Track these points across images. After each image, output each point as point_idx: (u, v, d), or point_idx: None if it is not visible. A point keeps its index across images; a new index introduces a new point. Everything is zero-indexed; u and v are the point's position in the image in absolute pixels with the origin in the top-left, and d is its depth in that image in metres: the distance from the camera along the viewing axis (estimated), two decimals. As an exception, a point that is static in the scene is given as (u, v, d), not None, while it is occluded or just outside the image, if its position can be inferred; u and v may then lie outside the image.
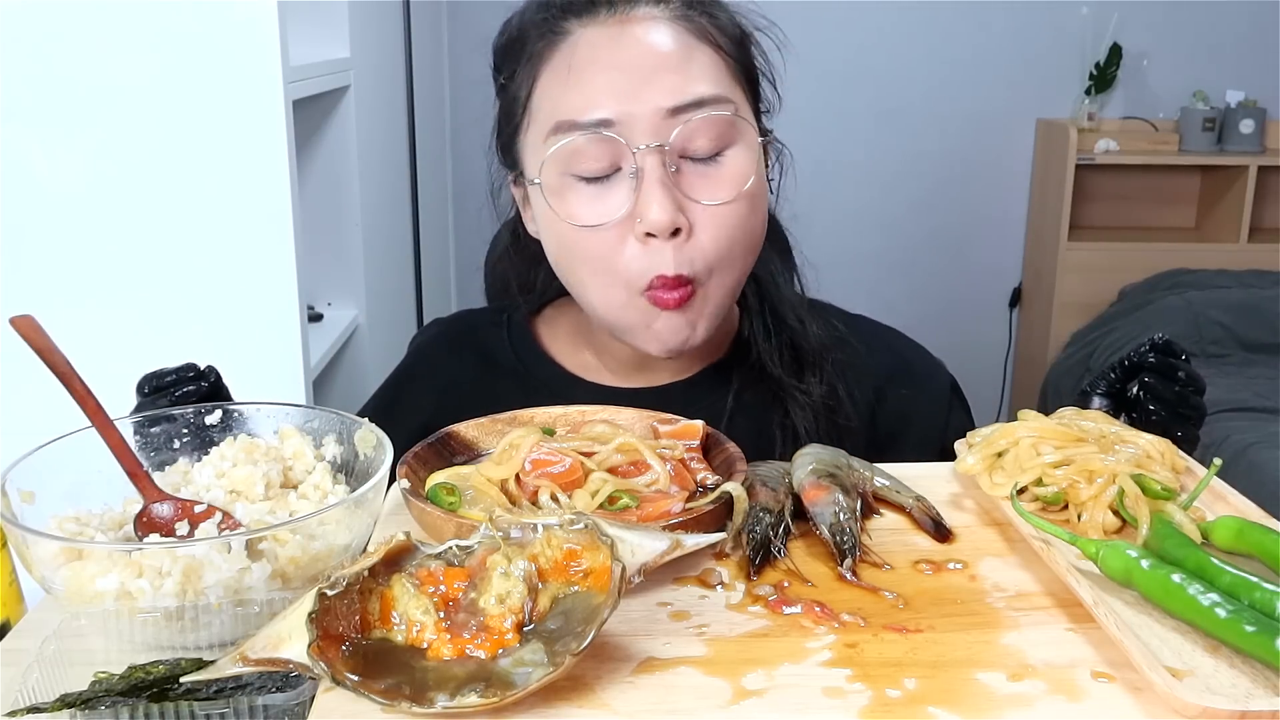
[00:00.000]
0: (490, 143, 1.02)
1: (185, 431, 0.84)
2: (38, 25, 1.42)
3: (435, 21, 3.23)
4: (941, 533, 0.72)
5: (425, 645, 0.56)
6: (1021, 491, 0.72)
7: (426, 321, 1.46)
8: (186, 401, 0.87)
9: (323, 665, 0.53)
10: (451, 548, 0.59)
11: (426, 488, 0.73)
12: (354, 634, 0.56)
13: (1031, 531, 0.67)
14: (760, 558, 0.68)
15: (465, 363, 1.08)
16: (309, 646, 0.53)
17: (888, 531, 0.73)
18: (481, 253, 1.21)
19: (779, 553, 0.69)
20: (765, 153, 0.96)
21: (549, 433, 0.78)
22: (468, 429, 0.83)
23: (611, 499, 0.70)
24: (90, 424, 0.75)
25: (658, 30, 0.90)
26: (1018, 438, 0.75)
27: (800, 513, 0.73)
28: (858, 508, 0.72)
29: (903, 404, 1.04)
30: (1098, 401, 0.89)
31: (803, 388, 1.00)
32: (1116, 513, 0.70)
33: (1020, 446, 0.74)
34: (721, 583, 0.66)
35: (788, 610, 0.63)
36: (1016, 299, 3.95)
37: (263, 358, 1.54)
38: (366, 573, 0.57)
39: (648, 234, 0.87)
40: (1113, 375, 0.90)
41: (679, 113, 0.87)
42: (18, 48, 1.42)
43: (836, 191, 3.65)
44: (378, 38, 2.37)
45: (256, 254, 1.52)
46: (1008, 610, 0.63)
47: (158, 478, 0.77)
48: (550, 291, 1.09)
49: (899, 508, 0.76)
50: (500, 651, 0.55)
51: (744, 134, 0.90)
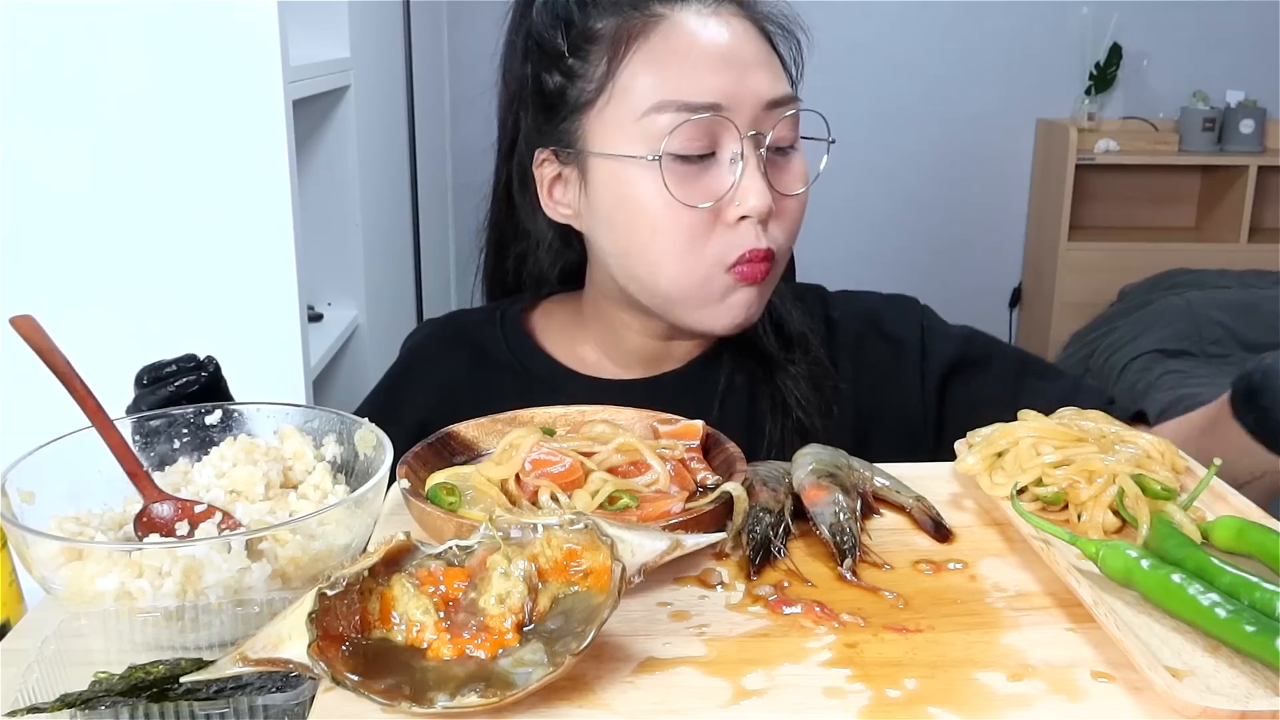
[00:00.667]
0: (524, 123, 0.99)
1: (185, 431, 0.84)
2: (38, 25, 1.42)
3: (435, 21, 3.23)
4: (941, 533, 0.72)
5: (425, 645, 0.56)
6: (1021, 491, 0.72)
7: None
8: (186, 392, 0.87)
9: (323, 665, 0.53)
10: (451, 548, 0.59)
11: (426, 488, 0.73)
12: (354, 634, 0.56)
13: (1031, 531, 0.67)
14: (760, 558, 0.68)
15: (460, 360, 1.08)
16: (309, 646, 0.53)
17: (888, 531, 0.73)
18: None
19: (779, 553, 0.69)
20: None
21: (549, 433, 0.78)
22: (468, 429, 0.83)
23: (611, 499, 0.70)
24: (90, 424, 0.75)
25: (744, 27, 0.94)
26: (1018, 438, 0.75)
27: (800, 513, 0.73)
28: (858, 508, 0.72)
29: (880, 354, 1.07)
30: None
31: (791, 358, 1.03)
32: (1116, 513, 0.70)
33: (1020, 446, 0.74)
34: (721, 583, 0.66)
35: (788, 610, 0.63)
36: (1016, 299, 3.95)
37: (263, 358, 1.54)
38: (366, 573, 0.57)
39: (742, 217, 0.91)
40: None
41: (775, 106, 0.92)
42: (18, 48, 1.42)
43: (836, 191, 3.64)
44: (378, 38, 2.37)
45: (256, 254, 1.52)
46: (1008, 610, 0.63)
47: (158, 478, 0.77)
48: (546, 287, 1.10)
49: (899, 508, 0.76)
50: (500, 651, 0.55)
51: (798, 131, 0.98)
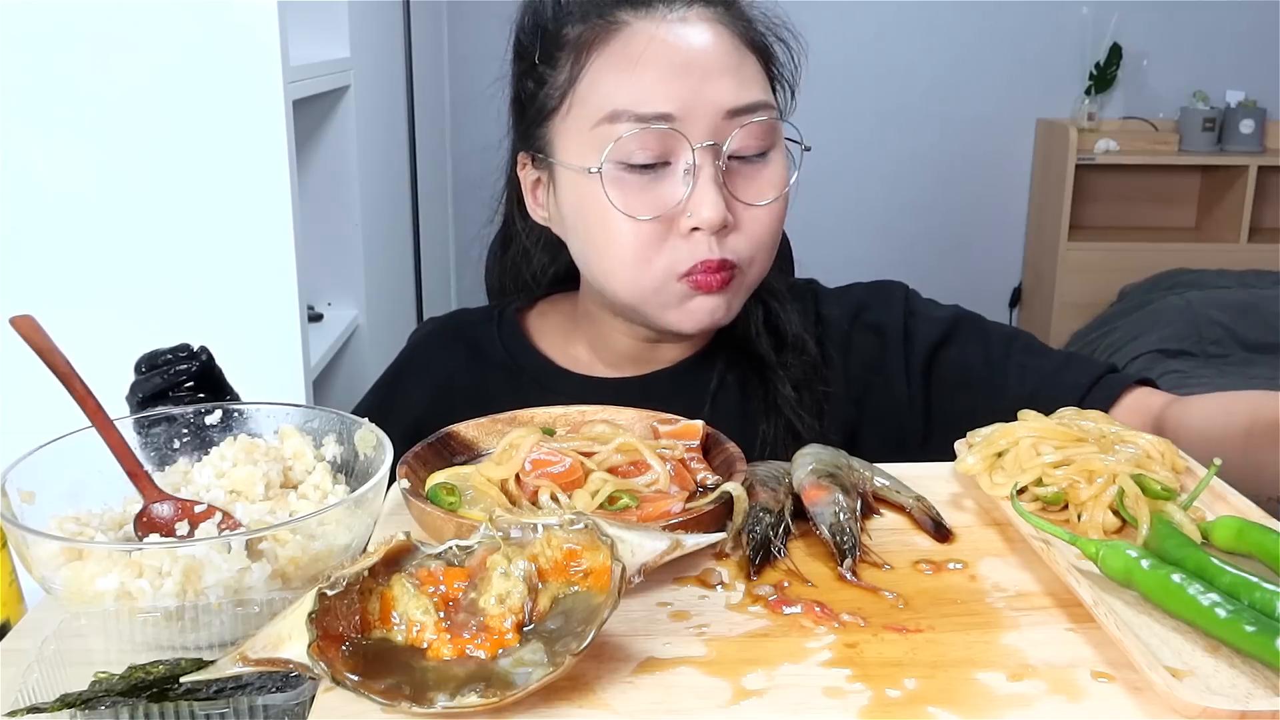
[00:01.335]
0: (507, 124, 1.01)
1: (185, 431, 0.84)
2: (38, 25, 1.42)
3: (435, 21, 3.23)
4: (941, 533, 0.72)
5: (425, 645, 0.56)
6: (1021, 491, 0.72)
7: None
8: (178, 380, 0.87)
9: (323, 665, 0.53)
10: (451, 548, 0.59)
11: (426, 488, 0.73)
12: (354, 634, 0.56)
13: (1031, 531, 0.67)
14: (760, 558, 0.68)
15: (456, 357, 1.09)
16: (309, 646, 0.53)
17: (888, 531, 0.73)
18: (481, 252, 1.21)
19: (779, 553, 0.69)
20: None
21: (549, 433, 0.78)
22: (468, 429, 0.83)
23: (611, 499, 0.70)
24: (90, 424, 0.75)
25: (712, 31, 0.92)
26: (1018, 438, 0.75)
27: (800, 513, 0.73)
28: (858, 508, 0.72)
29: (866, 345, 1.05)
30: None
31: (784, 360, 1.03)
32: (1116, 513, 0.70)
33: (1020, 446, 0.74)
34: (721, 583, 0.66)
35: (788, 610, 0.63)
36: (1016, 299, 3.95)
37: (263, 358, 1.54)
38: (366, 573, 0.57)
39: (694, 229, 0.90)
40: None
41: (735, 115, 0.90)
42: (18, 48, 1.42)
43: (836, 191, 3.65)
44: (378, 38, 2.37)
45: (256, 254, 1.53)
46: (1008, 610, 0.63)
47: (158, 478, 0.77)
48: (543, 287, 1.10)
49: (899, 508, 0.76)
50: (500, 651, 0.55)
51: (780, 138, 0.95)
